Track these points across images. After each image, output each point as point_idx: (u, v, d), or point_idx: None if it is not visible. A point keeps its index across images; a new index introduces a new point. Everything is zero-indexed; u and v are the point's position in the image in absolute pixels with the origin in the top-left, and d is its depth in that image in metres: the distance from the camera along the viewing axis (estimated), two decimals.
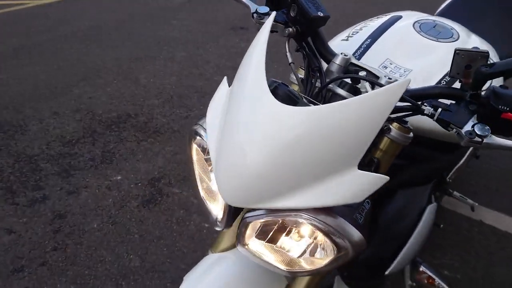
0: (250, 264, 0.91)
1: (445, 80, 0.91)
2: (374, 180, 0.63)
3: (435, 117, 0.69)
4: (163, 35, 3.92)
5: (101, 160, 2.31)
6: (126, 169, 2.24)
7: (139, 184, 2.14)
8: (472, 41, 1.02)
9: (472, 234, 1.82)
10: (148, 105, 2.83)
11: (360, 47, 1.00)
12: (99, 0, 4.80)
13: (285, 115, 0.62)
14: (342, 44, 1.03)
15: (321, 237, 0.70)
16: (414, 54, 0.95)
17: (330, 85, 0.79)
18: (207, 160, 0.83)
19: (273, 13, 0.75)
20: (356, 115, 0.60)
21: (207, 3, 4.80)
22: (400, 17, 1.07)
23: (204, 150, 0.82)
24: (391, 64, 0.93)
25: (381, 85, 0.75)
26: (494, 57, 1.05)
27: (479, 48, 0.66)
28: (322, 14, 0.80)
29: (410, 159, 0.90)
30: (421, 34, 1.00)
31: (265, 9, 0.89)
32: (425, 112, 0.70)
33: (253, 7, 0.93)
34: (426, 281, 0.93)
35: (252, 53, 0.72)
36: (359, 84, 0.78)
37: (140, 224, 1.90)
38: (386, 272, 0.85)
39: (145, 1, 4.79)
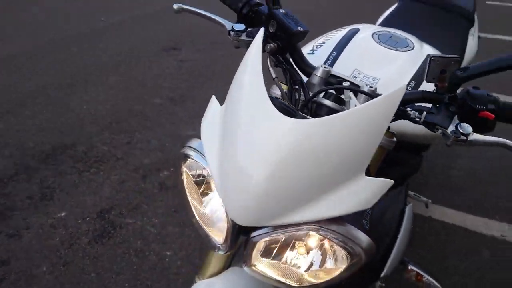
0: (241, 287, 0.89)
1: (410, 86, 0.97)
2: (381, 185, 0.64)
3: (421, 120, 0.73)
4: (91, 59, 3.75)
5: (40, 197, 2.12)
6: (70, 204, 2.09)
7: (87, 218, 2.00)
8: (425, 48, 1.10)
9: (425, 230, 1.94)
10: (85, 134, 2.67)
11: (327, 59, 1.03)
12: (15, 25, 4.48)
13: (292, 128, 0.62)
14: (309, 58, 1.06)
15: (329, 247, 0.70)
16: (378, 63, 1.01)
17: (315, 97, 0.80)
18: (198, 183, 0.80)
19: (262, 29, 0.74)
20: (361, 124, 0.61)
21: (133, 24, 4.69)
22: (358, 30, 1.13)
23: (195, 173, 0.79)
24: (359, 74, 0.97)
25: (365, 93, 0.78)
26: None
27: (431, 54, 0.71)
28: (302, 29, 0.82)
29: (389, 163, 0.94)
30: (381, 45, 1.06)
31: (241, 26, 0.89)
32: (411, 116, 0.74)
33: (228, 25, 0.92)
34: (415, 279, 0.97)
35: (245, 70, 0.71)
36: (343, 94, 0.81)
37: (95, 261, 1.77)
38: (381, 275, 0.87)
39: (64, 26, 4.56)
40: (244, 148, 0.65)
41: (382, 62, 1.01)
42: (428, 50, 1.10)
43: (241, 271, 0.90)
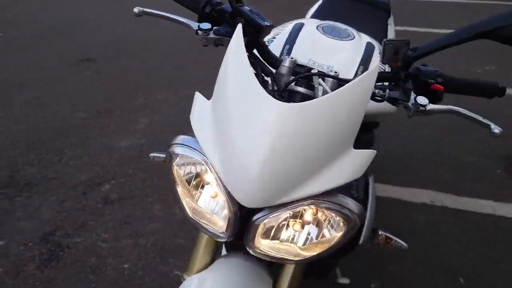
0: (233, 277, 0.92)
1: (360, 70, 1.09)
2: (367, 155, 0.74)
3: (386, 97, 0.85)
4: None
5: None
6: (8, 232, 1.93)
7: (30, 244, 1.87)
8: (362, 37, 1.24)
9: None
10: (6, 157, 2.47)
11: (282, 52, 1.12)
12: None
13: (286, 112, 0.69)
14: None
15: (323, 220, 0.78)
16: (328, 53, 1.11)
17: (288, 86, 0.87)
18: (188, 180, 0.83)
19: (240, 25, 0.80)
20: (346, 103, 0.70)
21: (34, 37, 4.38)
22: (303, 24, 1.23)
23: (184, 171, 0.82)
24: (314, 63, 1.06)
25: (333, 77, 0.87)
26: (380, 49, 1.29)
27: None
28: (269, 24, 0.88)
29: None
30: (326, 36, 1.17)
31: (207, 25, 0.93)
32: (376, 94, 0.85)
33: (194, 25, 0.96)
34: (384, 242, 1.09)
35: (232, 63, 0.76)
36: (312, 82, 0.89)
37: (48, 285, 1.67)
38: (360, 242, 0.97)
39: None
40: (243, 135, 0.70)
41: (332, 51, 1.12)
42: (366, 38, 1.24)
43: (228, 262, 0.94)
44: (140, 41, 4.37)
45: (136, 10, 1.02)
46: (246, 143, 0.70)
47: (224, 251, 1.08)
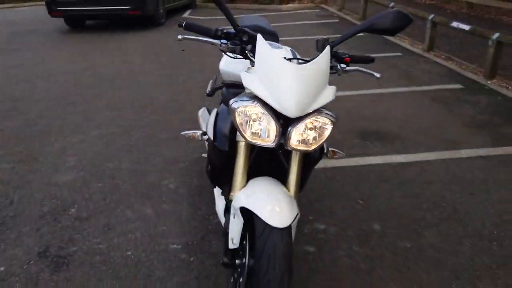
0: (263, 185, 1.56)
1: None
2: (334, 88, 1.52)
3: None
4: None
5: None
6: (1, 262, 2.10)
7: (32, 262, 2.10)
8: (284, 47, 2.04)
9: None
10: None
11: None
12: None
13: (301, 67, 1.42)
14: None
15: (319, 126, 1.51)
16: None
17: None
18: (248, 123, 1.46)
19: (259, 34, 1.51)
20: (322, 63, 1.48)
21: None
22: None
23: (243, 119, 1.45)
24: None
25: (306, 60, 1.64)
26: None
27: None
28: (256, 35, 1.61)
29: None
30: (274, 47, 1.94)
31: (225, 41, 1.61)
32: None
33: (217, 42, 1.61)
34: (332, 154, 1.86)
35: (264, 52, 1.45)
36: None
37: (70, 282, 1.96)
38: (325, 151, 1.75)
39: None
40: (284, 80, 1.40)
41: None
42: (287, 48, 2.05)
43: (256, 180, 1.59)
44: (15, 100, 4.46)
45: (180, 37, 1.63)
46: (286, 84, 1.40)
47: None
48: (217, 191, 2.12)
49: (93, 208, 2.55)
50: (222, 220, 1.95)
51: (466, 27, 5.27)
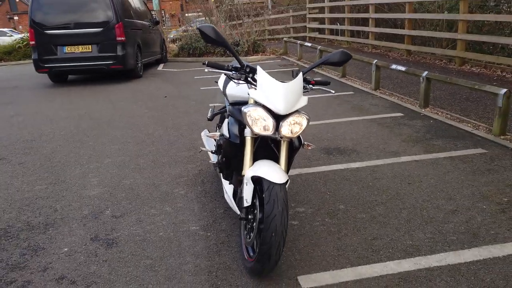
0: (266, 163, 2.39)
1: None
2: (306, 98, 2.42)
3: (310, 89, 2.56)
4: None
5: None
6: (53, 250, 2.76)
7: (84, 246, 2.77)
8: None
9: None
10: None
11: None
12: None
13: (287, 85, 2.32)
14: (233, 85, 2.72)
15: (298, 122, 2.38)
16: None
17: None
18: (255, 120, 2.31)
19: (259, 68, 2.40)
20: (298, 83, 2.38)
21: None
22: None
23: (250, 120, 2.30)
24: None
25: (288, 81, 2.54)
26: None
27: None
28: (255, 67, 2.49)
29: None
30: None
31: (234, 72, 2.49)
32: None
33: (230, 73, 2.49)
34: (306, 147, 2.71)
35: (264, 78, 2.34)
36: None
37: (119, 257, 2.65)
38: (302, 142, 2.63)
39: None
40: (278, 93, 2.27)
41: None
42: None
43: (261, 161, 2.42)
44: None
45: (206, 70, 2.50)
46: (279, 95, 2.27)
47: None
48: (225, 182, 2.91)
49: (124, 209, 3.26)
50: (230, 202, 2.74)
51: (402, 68, 6.47)
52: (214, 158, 3.32)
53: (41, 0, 9.06)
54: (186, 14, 22.29)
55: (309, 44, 11.18)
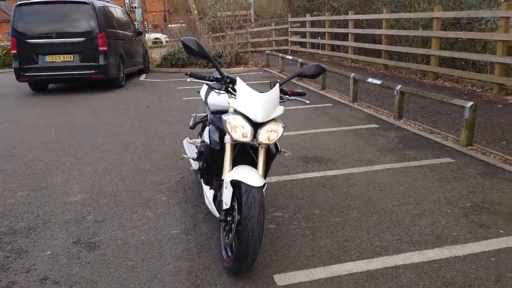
0: (244, 168, 2.54)
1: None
2: (282, 107, 2.59)
3: (287, 99, 2.73)
4: None
5: None
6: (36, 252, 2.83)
7: (67, 249, 2.85)
8: None
9: None
10: None
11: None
12: None
13: (265, 95, 2.48)
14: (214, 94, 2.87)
15: (275, 130, 2.54)
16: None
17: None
18: (234, 127, 2.45)
19: (238, 79, 2.55)
20: (275, 93, 2.55)
21: None
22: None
23: (231, 126, 2.45)
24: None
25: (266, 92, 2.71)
26: None
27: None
28: (235, 78, 2.65)
29: None
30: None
31: (216, 82, 2.63)
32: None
33: (212, 84, 2.63)
34: (283, 153, 2.87)
35: (243, 88, 2.50)
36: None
37: (98, 267, 2.74)
38: (279, 149, 2.78)
39: None
40: (256, 103, 2.43)
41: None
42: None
43: (239, 167, 2.56)
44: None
45: (188, 79, 2.63)
46: (257, 104, 2.43)
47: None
48: (206, 187, 3.04)
49: (106, 215, 3.34)
50: (210, 207, 2.87)
51: (378, 81, 6.75)
52: (195, 165, 3.45)
53: (23, 9, 9.09)
54: (169, 25, 22.47)
55: (291, 57, 11.47)
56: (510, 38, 7.31)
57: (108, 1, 10.72)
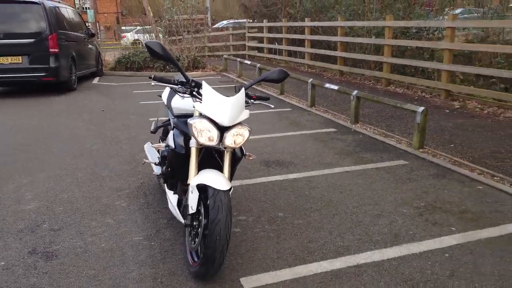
0: (210, 172, 2.53)
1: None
2: (248, 111, 2.61)
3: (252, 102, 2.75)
4: None
5: None
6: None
7: (22, 259, 2.71)
8: None
9: None
10: None
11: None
12: None
13: (231, 99, 2.49)
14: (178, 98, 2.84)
15: (241, 133, 2.55)
16: None
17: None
18: (200, 131, 2.44)
19: (204, 83, 2.54)
20: (241, 97, 2.57)
21: None
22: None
23: (195, 131, 2.44)
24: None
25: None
26: None
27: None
28: (200, 82, 2.65)
29: None
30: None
31: (181, 85, 2.61)
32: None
33: (177, 87, 2.60)
34: (248, 157, 2.88)
35: (209, 92, 2.49)
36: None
37: (59, 275, 2.63)
38: (244, 153, 2.80)
39: None
40: (222, 106, 2.44)
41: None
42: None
43: (205, 170, 2.55)
44: None
45: (153, 83, 2.59)
46: (223, 108, 2.43)
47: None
48: (169, 192, 3.00)
49: (62, 223, 3.21)
50: (175, 212, 2.83)
51: (335, 87, 6.94)
52: (157, 170, 3.39)
53: None
54: (122, 27, 21.94)
55: (249, 62, 11.54)
56: (455, 47, 7.78)
57: (59, 1, 10.34)
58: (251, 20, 17.56)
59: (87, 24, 13.04)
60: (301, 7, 14.22)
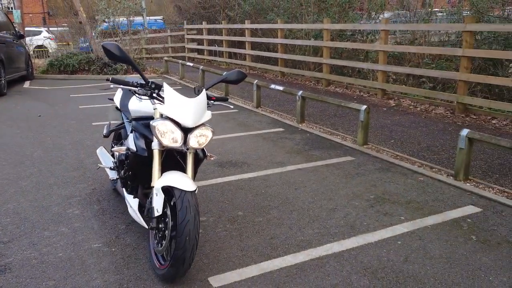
0: (174, 174, 2.52)
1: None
2: (210, 112, 2.63)
3: (212, 103, 2.77)
4: None
5: None
6: None
7: None
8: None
9: None
10: None
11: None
12: None
13: (196, 99, 2.50)
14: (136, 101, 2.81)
15: (205, 134, 2.57)
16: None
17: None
18: (163, 133, 2.43)
19: (165, 84, 2.53)
20: (203, 98, 2.59)
21: None
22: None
23: (158, 133, 2.42)
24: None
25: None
26: None
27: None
28: (161, 84, 2.63)
29: None
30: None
31: (141, 88, 2.57)
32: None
33: (136, 89, 2.56)
34: (209, 157, 2.89)
35: (170, 93, 2.48)
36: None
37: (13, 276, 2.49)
38: (206, 154, 2.82)
39: None
40: (186, 108, 2.44)
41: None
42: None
43: (168, 173, 2.54)
44: None
45: (112, 86, 2.51)
46: (187, 109, 2.43)
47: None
48: (129, 196, 2.94)
49: (11, 235, 3.02)
50: (136, 216, 2.79)
51: (280, 88, 7.13)
52: (113, 174, 3.30)
53: None
54: (49, 29, 20.74)
55: (191, 64, 11.45)
56: (388, 49, 8.30)
57: None
58: (185, 22, 17.39)
59: (14, 25, 12.21)
60: (240, 10, 14.35)
